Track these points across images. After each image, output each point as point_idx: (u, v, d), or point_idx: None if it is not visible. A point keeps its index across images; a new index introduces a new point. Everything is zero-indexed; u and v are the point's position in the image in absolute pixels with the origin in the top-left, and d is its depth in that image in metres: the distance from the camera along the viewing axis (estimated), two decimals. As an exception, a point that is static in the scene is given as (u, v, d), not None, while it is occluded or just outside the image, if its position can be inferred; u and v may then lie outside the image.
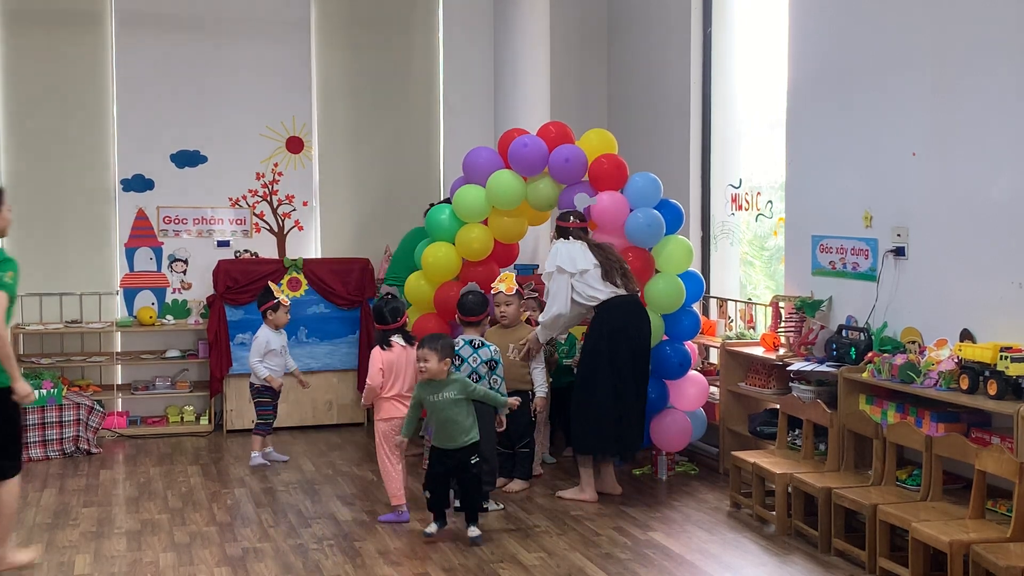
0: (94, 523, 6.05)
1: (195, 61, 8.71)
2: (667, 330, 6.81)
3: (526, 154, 6.83)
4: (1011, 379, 4.88)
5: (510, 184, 6.87)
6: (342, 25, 9.06)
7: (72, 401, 7.70)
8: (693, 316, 6.95)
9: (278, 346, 7.36)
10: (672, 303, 6.73)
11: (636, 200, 6.79)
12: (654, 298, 6.67)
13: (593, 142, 6.98)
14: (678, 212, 6.94)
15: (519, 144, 6.86)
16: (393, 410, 6.02)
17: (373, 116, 9.13)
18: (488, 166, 7.00)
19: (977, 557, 4.43)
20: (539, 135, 7.02)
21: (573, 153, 6.83)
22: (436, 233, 7.09)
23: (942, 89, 5.64)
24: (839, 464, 5.78)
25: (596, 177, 6.84)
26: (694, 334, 6.98)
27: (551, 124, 7.17)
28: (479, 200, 6.93)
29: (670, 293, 6.70)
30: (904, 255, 5.90)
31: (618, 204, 6.75)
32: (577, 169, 6.84)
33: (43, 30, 8.44)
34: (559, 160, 6.81)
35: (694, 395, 6.91)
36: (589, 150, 6.91)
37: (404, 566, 5.30)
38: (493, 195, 6.89)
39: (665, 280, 6.74)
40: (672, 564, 5.35)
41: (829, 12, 6.53)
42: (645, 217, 6.70)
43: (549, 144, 6.92)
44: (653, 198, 6.82)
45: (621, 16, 9.15)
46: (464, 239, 6.99)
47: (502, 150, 7.06)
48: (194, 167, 8.77)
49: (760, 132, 7.64)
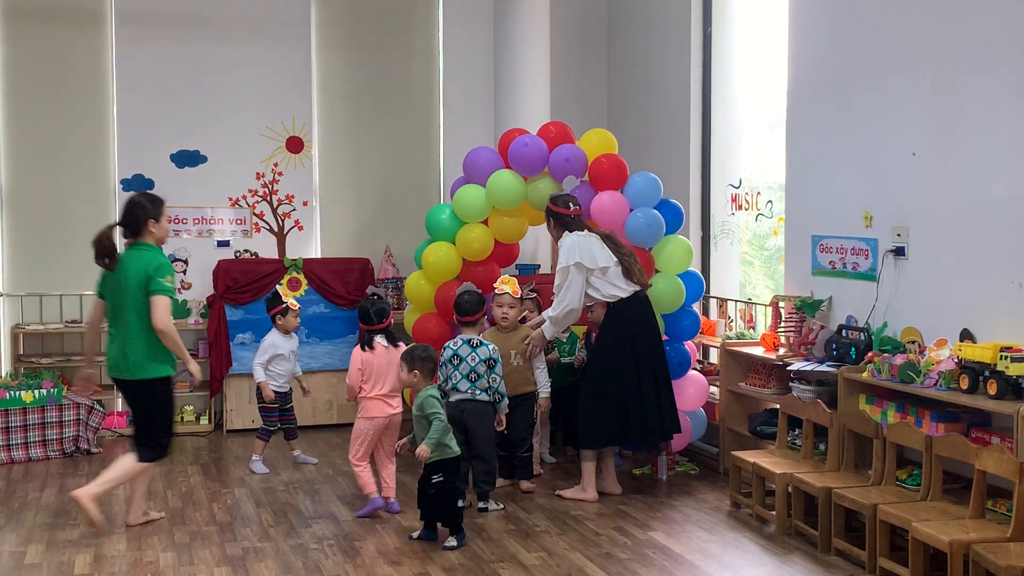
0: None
1: (195, 61, 8.71)
2: (667, 330, 6.81)
3: (526, 154, 6.84)
4: (1011, 379, 4.88)
5: (510, 184, 6.88)
6: (342, 25, 9.06)
7: (72, 401, 7.70)
8: (693, 316, 6.96)
9: (286, 351, 7.26)
10: (672, 303, 6.73)
11: (636, 200, 6.80)
12: (654, 298, 6.67)
13: (593, 142, 6.99)
14: (678, 212, 6.95)
15: (519, 144, 6.87)
16: (375, 409, 6.10)
17: (373, 116, 9.13)
18: (488, 166, 7.01)
19: (977, 557, 4.43)
20: (539, 135, 7.02)
21: (573, 153, 6.84)
22: (436, 233, 7.09)
23: (942, 89, 5.64)
24: (839, 464, 5.78)
25: (596, 177, 6.85)
26: (694, 334, 6.99)
27: (551, 124, 7.18)
28: (479, 200, 6.94)
29: (670, 293, 6.71)
30: (904, 255, 5.91)
31: (618, 204, 6.75)
32: (577, 169, 6.85)
33: (43, 29, 8.44)
34: (559, 160, 6.82)
35: (694, 395, 6.92)
36: (589, 150, 6.92)
37: (404, 566, 5.31)
38: (493, 195, 6.90)
39: (665, 280, 6.74)
40: (672, 564, 5.35)
41: (829, 12, 6.53)
42: (645, 217, 6.71)
43: (549, 144, 6.93)
44: (653, 198, 6.83)
45: (621, 16, 9.15)
46: (464, 239, 7.00)
47: (502, 150, 7.07)
48: (194, 167, 8.77)
49: (760, 132, 7.64)
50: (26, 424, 7.51)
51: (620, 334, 6.29)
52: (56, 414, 7.62)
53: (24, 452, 7.50)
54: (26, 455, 7.49)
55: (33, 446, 7.54)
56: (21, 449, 7.49)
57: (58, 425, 7.63)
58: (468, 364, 6.16)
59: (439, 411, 5.57)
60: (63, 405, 7.64)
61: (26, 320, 8.44)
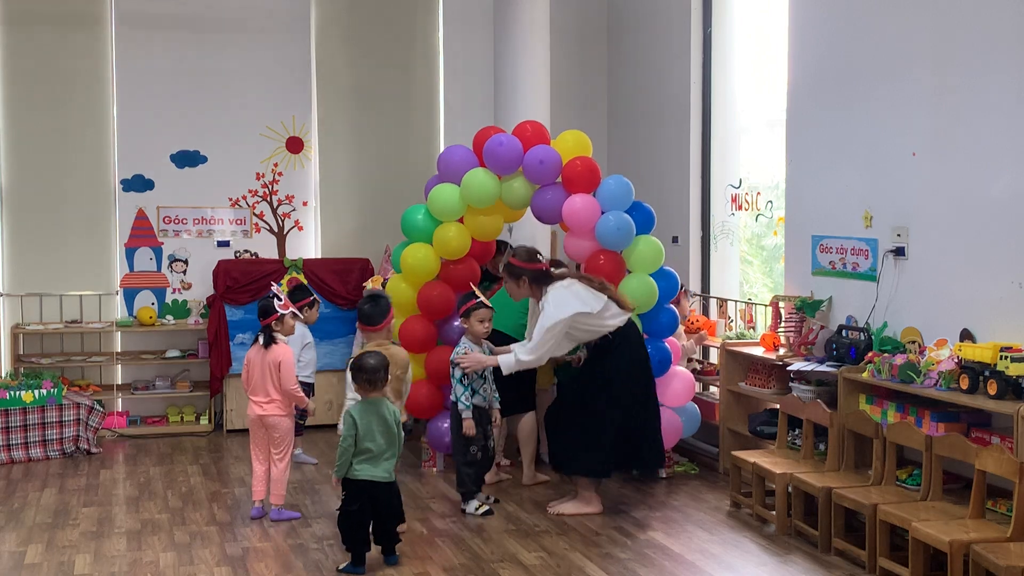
0: (94, 523, 6.05)
1: (195, 61, 8.71)
2: (645, 328, 6.71)
3: (501, 153, 6.75)
4: (1011, 379, 4.88)
5: (484, 183, 6.79)
6: (342, 25, 9.06)
7: (72, 401, 7.71)
8: (670, 313, 6.93)
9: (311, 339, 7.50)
10: (646, 301, 6.72)
11: (607, 203, 6.75)
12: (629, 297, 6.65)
13: (568, 143, 6.91)
14: (649, 214, 6.92)
15: (494, 143, 6.79)
16: (248, 409, 6.15)
17: (373, 116, 9.13)
18: (463, 164, 6.93)
19: (977, 557, 4.43)
20: (515, 134, 6.93)
21: (547, 155, 6.76)
22: (412, 234, 7.01)
23: (942, 89, 5.64)
24: (839, 464, 5.78)
25: (569, 179, 6.79)
26: (673, 330, 6.95)
27: (528, 123, 7.07)
28: (454, 199, 6.85)
29: (643, 291, 6.69)
30: (904, 255, 5.91)
31: (590, 207, 6.72)
32: (551, 170, 6.79)
33: (43, 29, 8.44)
34: (533, 161, 6.76)
35: (680, 390, 6.90)
36: (564, 151, 6.84)
37: (404, 566, 5.30)
38: (468, 193, 6.82)
39: (638, 279, 6.72)
40: (672, 564, 5.35)
41: (829, 12, 6.53)
42: (616, 220, 6.67)
43: (525, 144, 6.85)
44: (625, 201, 6.80)
45: (621, 16, 9.15)
46: (441, 238, 6.91)
47: (477, 148, 7.00)
48: (194, 167, 8.78)
49: (760, 132, 7.64)
50: (26, 424, 7.51)
51: (620, 368, 6.12)
52: (56, 414, 7.62)
53: (24, 452, 7.50)
54: (26, 455, 7.49)
55: (33, 446, 7.54)
56: (21, 449, 7.49)
57: (58, 425, 7.63)
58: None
59: (346, 431, 5.25)
60: (63, 405, 7.64)
61: (26, 320, 8.44)
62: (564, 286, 6.10)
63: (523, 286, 6.24)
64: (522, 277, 6.22)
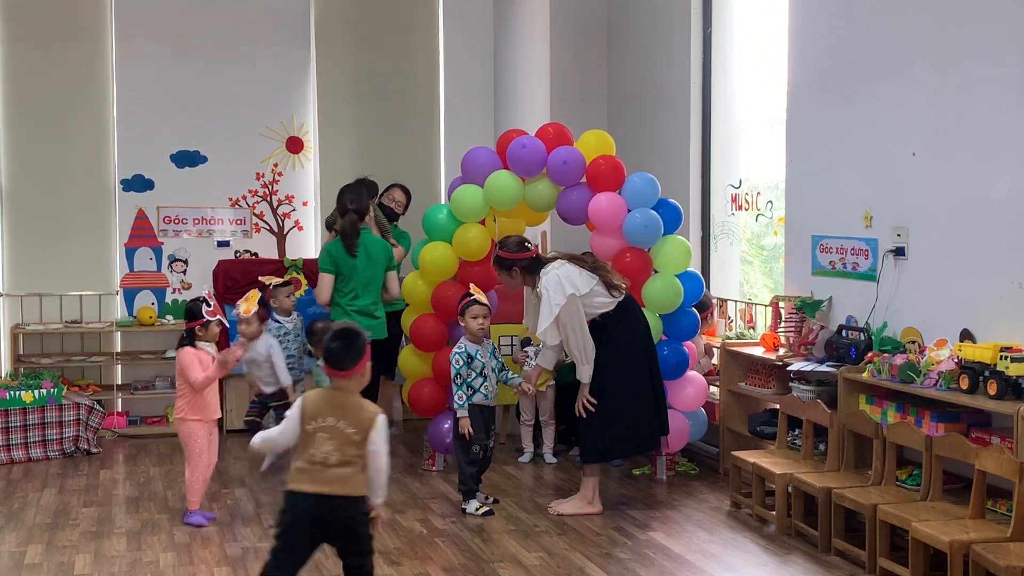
0: (94, 523, 6.05)
1: (195, 61, 8.71)
2: (665, 330, 6.79)
3: (524, 155, 6.80)
4: (1011, 379, 4.88)
5: (508, 185, 6.84)
6: (342, 25, 9.06)
7: (72, 401, 7.70)
8: (692, 316, 6.93)
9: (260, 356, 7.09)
10: (670, 303, 6.72)
11: (633, 201, 6.77)
12: (652, 298, 6.66)
13: (591, 143, 6.96)
14: (677, 212, 6.93)
15: (517, 145, 6.84)
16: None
17: (373, 116, 9.13)
18: (486, 166, 6.98)
19: (977, 557, 4.43)
20: (538, 136, 6.99)
21: (571, 155, 6.80)
22: (433, 232, 7.05)
23: (942, 89, 5.64)
24: (839, 464, 5.78)
25: (593, 178, 6.83)
26: (693, 334, 6.96)
27: (550, 125, 7.15)
28: (477, 200, 6.90)
29: (668, 293, 6.69)
30: (904, 255, 5.91)
31: (616, 205, 6.73)
32: (575, 171, 6.82)
33: (43, 30, 8.44)
34: (557, 162, 6.79)
35: (693, 395, 6.90)
36: (587, 151, 6.89)
37: (404, 566, 5.30)
38: (491, 195, 6.87)
39: (663, 280, 6.72)
40: (672, 564, 5.35)
41: (829, 12, 6.53)
42: (643, 217, 6.69)
43: (548, 145, 6.89)
44: (651, 198, 6.81)
45: (621, 16, 9.15)
46: (462, 239, 6.95)
47: (500, 151, 7.04)
48: (194, 167, 8.78)
49: (760, 132, 7.64)
50: (26, 424, 7.51)
51: (615, 348, 6.13)
52: (56, 414, 7.62)
53: (24, 452, 7.50)
54: (26, 455, 7.49)
55: (33, 446, 7.54)
56: (21, 449, 7.49)
57: (58, 425, 7.63)
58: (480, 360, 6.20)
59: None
60: (63, 405, 7.64)
61: (26, 320, 8.44)
62: (555, 268, 6.10)
63: (516, 276, 6.25)
64: (513, 268, 6.23)
